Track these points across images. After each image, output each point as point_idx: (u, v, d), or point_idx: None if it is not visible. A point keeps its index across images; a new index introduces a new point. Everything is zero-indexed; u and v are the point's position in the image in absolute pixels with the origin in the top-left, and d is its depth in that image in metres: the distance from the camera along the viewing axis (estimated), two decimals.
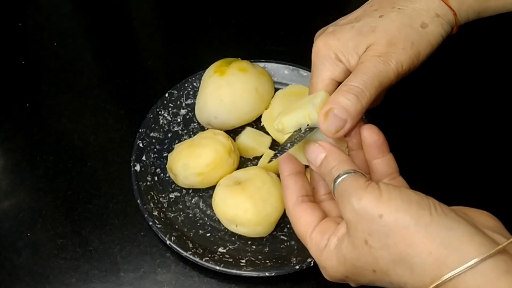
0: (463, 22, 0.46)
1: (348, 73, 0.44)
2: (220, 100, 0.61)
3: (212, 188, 0.58)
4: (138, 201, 0.57)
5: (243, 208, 0.53)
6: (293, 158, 0.42)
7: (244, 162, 0.62)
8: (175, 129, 0.65)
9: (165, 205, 0.58)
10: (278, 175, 0.57)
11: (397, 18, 0.43)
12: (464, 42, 0.64)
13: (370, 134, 0.41)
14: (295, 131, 0.43)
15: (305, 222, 0.40)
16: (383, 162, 0.41)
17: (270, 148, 0.62)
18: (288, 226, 0.56)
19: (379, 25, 0.43)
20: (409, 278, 0.33)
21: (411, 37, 0.42)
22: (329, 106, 0.40)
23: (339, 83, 0.44)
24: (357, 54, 0.43)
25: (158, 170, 0.61)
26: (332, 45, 0.44)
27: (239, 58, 0.65)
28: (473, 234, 0.32)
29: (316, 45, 0.45)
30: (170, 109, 0.66)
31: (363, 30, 0.43)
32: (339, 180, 0.37)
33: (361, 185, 0.35)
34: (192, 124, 0.65)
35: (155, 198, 0.58)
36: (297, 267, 0.52)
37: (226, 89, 0.61)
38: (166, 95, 0.66)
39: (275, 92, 0.66)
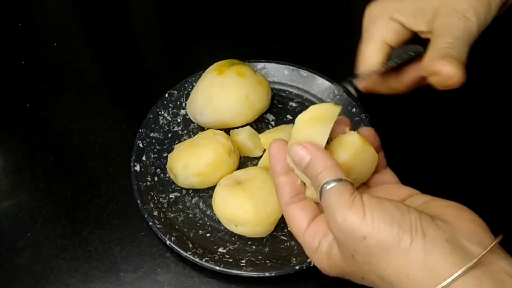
0: None
1: (404, 33, 0.43)
2: (208, 98, 0.61)
3: (212, 188, 0.58)
4: (138, 201, 0.57)
5: (243, 208, 0.53)
6: (283, 156, 0.41)
7: (244, 162, 0.62)
8: (175, 129, 0.65)
9: (165, 205, 0.58)
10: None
11: None
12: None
13: (367, 138, 0.42)
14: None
15: (296, 223, 0.41)
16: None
17: (262, 154, 0.62)
18: (288, 226, 0.56)
19: None
20: None
21: None
22: (439, 59, 0.38)
23: (391, 48, 0.43)
24: (421, 10, 0.42)
25: (158, 170, 0.61)
26: (388, 5, 0.43)
27: (246, 62, 0.65)
28: (447, 253, 0.33)
29: (369, 8, 0.44)
30: (170, 109, 0.66)
31: None
32: (325, 189, 0.37)
33: (345, 202, 0.35)
34: (192, 124, 0.65)
35: (155, 198, 0.58)
36: (297, 267, 0.52)
37: (217, 89, 0.61)
38: (166, 95, 0.66)
39: (271, 102, 0.65)
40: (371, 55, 0.44)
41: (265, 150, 0.62)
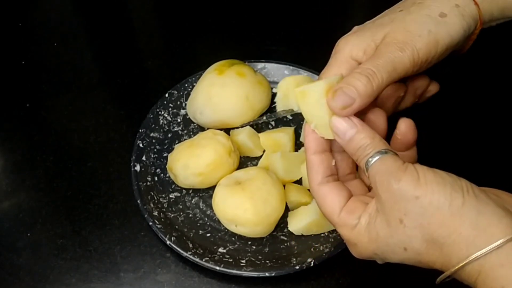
0: (487, 19, 0.46)
1: None
2: (208, 98, 0.61)
3: (212, 188, 0.58)
4: (138, 201, 0.57)
5: (243, 208, 0.53)
6: (319, 136, 0.42)
7: (244, 162, 0.62)
8: (175, 129, 0.65)
9: (165, 205, 0.58)
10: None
11: (415, 10, 0.44)
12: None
13: (406, 131, 0.41)
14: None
15: (332, 202, 0.40)
16: (406, 153, 0.42)
17: (262, 154, 0.62)
18: (288, 226, 0.56)
19: (397, 17, 0.44)
20: (438, 257, 0.35)
21: (428, 25, 0.42)
22: (339, 85, 0.40)
23: None
24: (374, 43, 0.43)
25: (158, 170, 0.61)
26: (350, 40, 0.45)
27: (246, 62, 0.65)
28: (501, 216, 0.34)
29: (337, 42, 0.46)
30: (170, 109, 0.66)
31: (383, 22, 0.44)
32: (374, 159, 0.37)
33: (399, 166, 0.36)
34: (192, 124, 0.65)
35: (155, 198, 0.58)
36: (297, 267, 0.52)
37: (217, 89, 0.61)
38: (166, 95, 0.66)
39: (271, 102, 0.65)
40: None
41: (265, 150, 0.62)
